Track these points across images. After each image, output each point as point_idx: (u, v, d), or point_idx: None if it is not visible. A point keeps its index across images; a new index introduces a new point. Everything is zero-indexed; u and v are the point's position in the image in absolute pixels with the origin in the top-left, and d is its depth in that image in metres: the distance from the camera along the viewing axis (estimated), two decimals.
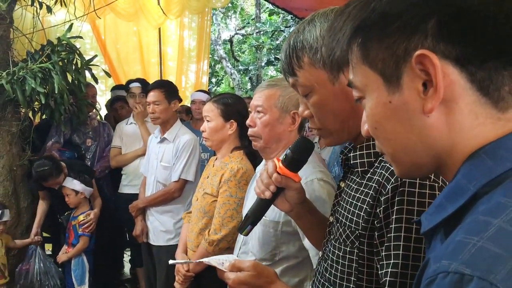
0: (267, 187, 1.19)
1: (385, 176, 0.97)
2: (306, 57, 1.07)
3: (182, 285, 2.36)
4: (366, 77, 0.66)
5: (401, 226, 0.92)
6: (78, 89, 3.76)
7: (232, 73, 10.60)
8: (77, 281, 3.47)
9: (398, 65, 0.61)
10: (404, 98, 0.62)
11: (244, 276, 1.07)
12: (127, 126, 4.06)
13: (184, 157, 3.03)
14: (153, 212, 3.17)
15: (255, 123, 1.75)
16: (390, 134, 0.66)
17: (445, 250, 0.54)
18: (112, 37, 5.70)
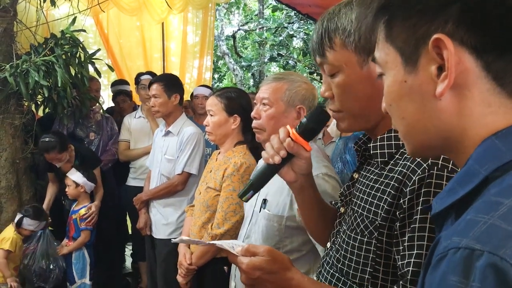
0: (277, 152, 1.16)
1: (411, 167, 0.96)
2: (338, 39, 1.06)
3: (185, 278, 2.36)
4: (387, 55, 0.68)
5: (426, 217, 0.91)
6: (81, 82, 3.76)
7: (234, 69, 10.58)
8: (77, 275, 3.48)
9: (417, 46, 0.62)
10: (419, 79, 0.63)
11: (258, 261, 1.03)
12: (136, 120, 4.09)
13: (188, 150, 3.02)
14: (156, 205, 3.18)
15: (260, 115, 1.75)
16: (403, 113, 0.68)
17: (455, 229, 0.55)
18: (115, 32, 5.69)
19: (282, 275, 1.04)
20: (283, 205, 1.63)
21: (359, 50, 1.05)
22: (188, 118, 3.28)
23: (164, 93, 3.10)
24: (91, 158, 3.74)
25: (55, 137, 3.43)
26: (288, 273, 1.04)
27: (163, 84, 3.11)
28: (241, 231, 1.90)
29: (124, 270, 4.77)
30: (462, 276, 0.50)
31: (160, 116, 3.19)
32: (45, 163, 3.67)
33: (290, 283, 1.03)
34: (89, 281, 3.50)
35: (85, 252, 3.51)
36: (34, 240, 3.48)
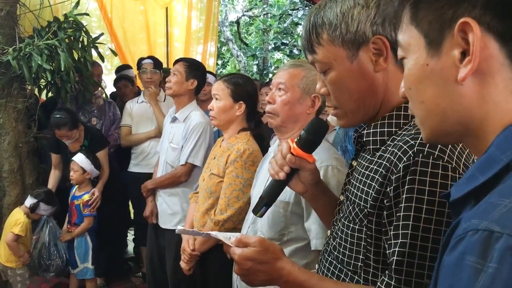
0: (281, 168, 1.19)
1: (398, 154, 0.96)
2: (325, 34, 1.05)
3: (188, 264, 2.36)
4: (411, 37, 0.68)
5: (411, 205, 0.91)
6: (84, 67, 3.74)
7: (238, 55, 10.52)
8: (80, 259, 3.52)
9: (442, 30, 0.62)
10: (441, 63, 0.63)
11: (250, 252, 1.06)
12: (138, 105, 4.05)
13: (193, 141, 2.94)
14: (162, 194, 3.14)
15: (275, 100, 1.74)
16: (422, 97, 0.67)
17: (475, 211, 0.55)
18: (119, 16, 5.64)
19: (274, 265, 1.06)
20: (290, 191, 1.63)
21: (346, 44, 1.04)
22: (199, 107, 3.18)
23: (184, 72, 3.02)
24: (100, 138, 3.77)
25: (66, 114, 3.47)
26: (279, 263, 1.06)
27: (186, 65, 3.05)
28: (247, 216, 1.90)
29: (126, 255, 4.80)
30: (480, 257, 0.50)
31: (171, 94, 3.11)
32: (49, 146, 3.68)
33: (281, 273, 1.05)
34: (91, 266, 3.53)
35: (87, 237, 3.53)
36: (38, 228, 3.50)
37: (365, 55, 1.04)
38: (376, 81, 1.05)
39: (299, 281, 1.04)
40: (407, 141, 0.96)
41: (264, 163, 1.92)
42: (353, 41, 1.03)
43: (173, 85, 3.02)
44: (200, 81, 3.11)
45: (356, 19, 1.02)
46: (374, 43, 1.03)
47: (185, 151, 2.96)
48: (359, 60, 1.04)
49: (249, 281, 1.10)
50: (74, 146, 3.64)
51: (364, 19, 1.02)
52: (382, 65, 1.03)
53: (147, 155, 3.95)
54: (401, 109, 1.05)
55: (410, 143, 0.95)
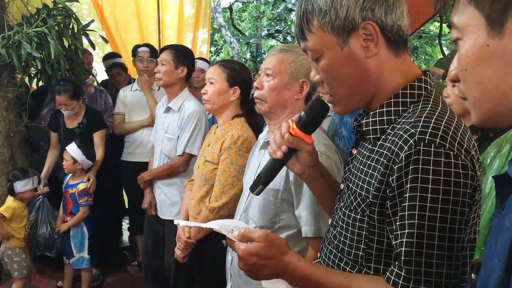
0: (279, 147, 1.18)
1: (399, 144, 0.94)
2: (315, 21, 1.04)
3: (183, 252, 2.35)
4: (469, 18, 0.66)
5: (415, 195, 0.90)
6: (75, 54, 3.69)
7: (231, 42, 10.45)
8: (76, 248, 3.51)
9: (506, 10, 0.61)
10: (503, 43, 0.62)
11: (255, 247, 1.03)
12: (132, 93, 3.99)
13: (189, 130, 2.89)
14: (160, 185, 3.10)
15: (263, 85, 1.72)
16: (480, 78, 0.65)
17: None
18: (110, 3, 5.56)
19: (280, 260, 1.04)
20: (279, 179, 1.62)
21: (336, 31, 1.03)
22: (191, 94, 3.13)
23: (172, 62, 2.95)
24: (99, 119, 3.78)
25: (70, 83, 3.53)
26: (285, 257, 1.04)
27: (173, 53, 2.98)
28: (239, 204, 1.89)
29: (121, 244, 4.79)
30: None
31: (162, 85, 3.05)
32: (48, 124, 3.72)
33: (287, 267, 1.03)
34: (87, 255, 3.52)
35: (83, 226, 3.52)
36: (34, 209, 3.51)
37: (355, 41, 1.02)
38: (368, 67, 1.04)
39: (306, 274, 1.02)
40: (407, 130, 0.94)
41: (255, 151, 1.91)
42: (343, 27, 1.02)
43: (162, 75, 2.96)
44: (189, 67, 3.05)
45: (345, 5, 1.01)
46: (364, 29, 1.01)
47: (181, 141, 2.91)
48: (350, 46, 1.03)
49: (254, 276, 1.08)
50: (72, 122, 3.65)
51: (353, 5, 1.01)
52: (373, 51, 1.02)
53: (140, 143, 3.91)
54: (398, 96, 1.04)
55: (411, 132, 0.93)
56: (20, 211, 3.34)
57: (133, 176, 3.32)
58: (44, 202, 3.53)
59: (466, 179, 0.90)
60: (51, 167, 3.71)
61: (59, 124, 3.66)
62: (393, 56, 1.05)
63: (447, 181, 0.88)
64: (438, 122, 0.93)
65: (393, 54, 1.05)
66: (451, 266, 0.90)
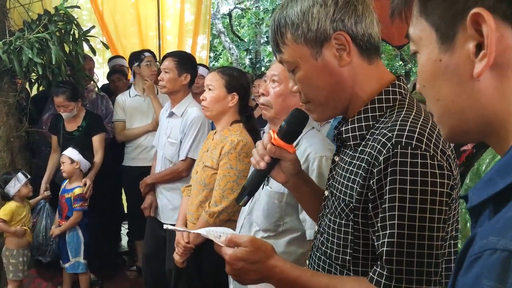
0: (262, 158, 1.20)
1: (377, 148, 0.98)
2: (289, 34, 1.07)
3: (182, 257, 2.36)
4: (421, 30, 0.63)
5: (395, 196, 0.93)
6: (76, 60, 3.72)
7: (230, 48, 10.49)
8: (72, 253, 3.50)
9: (455, 22, 0.58)
10: (455, 58, 0.58)
11: (241, 252, 1.06)
12: (132, 99, 3.98)
13: (192, 135, 2.91)
14: (162, 190, 3.12)
15: (269, 92, 1.76)
16: (438, 94, 0.63)
17: (493, 226, 0.50)
18: (110, 9, 5.60)
19: (265, 264, 1.06)
20: None
21: (309, 42, 1.05)
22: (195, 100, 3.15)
23: (175, 69, 2.98)
24: (99, 123, 3.78)
25: (68, 85, 3.54)
26: (270, 261, 1.06)
27: (176, 60, 3.01)
28: (243, 208, 1.91)
29: (120, 249, 4.79)
30: (498, 281, 0.46)
31: (166, 92, 3.08)
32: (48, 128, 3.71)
33: (273, 271, 1.06)
34: (83, 260, 3.51)
35: (79, 231, 3.51)
36: (35, 214, 3.51)
37: (328, 51, 1.05)
38: (342, 76, 1.07)
39: (292, 277, 1.04)
40: (385, 134, 0.97)
41: None
42: (315, 39, 1.05)
43: (166, 83, 2.99)
44: (192, 74, 3.09)
45: (316, 18, 1.04)
46: (336, 39, 1.04)
47: (184, 146, 2.93)
48: (323, 57, 1.06)
49: (240, 281, 1.11)
50: (71, 125, 3.66)
51: (324, 17, 1.04)
52: (346, 60, 1.05)
53: (144, 149, 3.90)
54: (374, 102, 1.07)
55: (388, 136, 0.97)
56: (20, 211, 3.35)
57: (135, 181, 3.33)
58: (46, 207, 3.54)
59: (442, 178, 0.93)
60: (52, 171, 3.71)
61: (59, 127, 3.68)
62: (366, 64, 1.08)
63: (425, 181, 0.92)
64: (414, 125, 0.96)
65: (366, 61, 1.08)
66: (432, 263, 0.93)
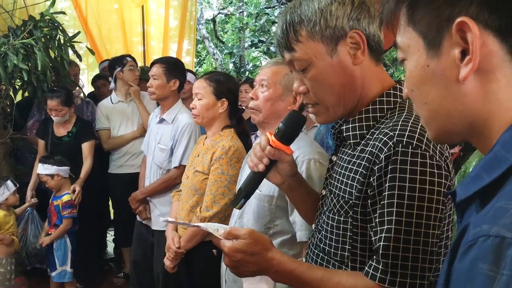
0: (260, 160, 1.21)
1: (379, 146, 1.01)
2: (304, 31, 1.08)
3: (173, 262, 2.36)
4: (409, 39, 0.67)
5: (394, 193, 0.96)
6: (61, 66, 3.69)
7: (214, 53, 10.50)
8: (59, 261, 3.46)
9: (441, 30, 0.62)
10: (442, 63, 0.62)
11: (240, 244, 1.08)
12: (114, 105, 3.93)
13: (184, 142, 2.90)
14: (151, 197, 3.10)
15: (258, 96, 1.78)
16: (425, 98, 0.67)
17: (485, 216, 0.54)
18: (94, 14, 5.57)
19: (264, 256, 1.08)
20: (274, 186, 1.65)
21: (326, 39, 1.07)
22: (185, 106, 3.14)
23: (163, 75, 2.99)
24: (89, 129, 3.77)
25: (63, 90, 3.56)
26: (269, 254, 1.08)
27: (164, 67, 3.01)
28: (234, 211, 1.93)
29: (106, 256, 4.76)
30: (493, 264, 0.49)
31: (155, 99, 3.09)
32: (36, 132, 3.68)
33: (271, 263, 1.08)
34: (70, 268, 3.48)
35: (66, 239, 3.48)
36: (23, 222, 3.46)
37: (343, 49, 1.08)
38: (355, 75, 1.09)
39: (289, 270, 1.07)
40: (387, 133, 1.01)
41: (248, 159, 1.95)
42: (332, 36, 1.07)
43: (155, 89, 3.00)
44: (181, 79, 3.10)
45: (334, 15, 1.06)
46: (351, 37, 1.07)
47: (177, 153, 2.92)
48: (339, 54, 1.08)
49: (238, 273, 1.12)
50: (61, 131, 3.65)
51: (342, 15, 1.06)
52: (360, 58, 1.08)
53: (132, 155, 3.87)
54: (376, 103, 1.10)
55: (390, 135, 1.00)
56: (7, 219, 3.30)
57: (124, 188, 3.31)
58: (33, 214, 3.50)
59: (440, 178, 0.97)
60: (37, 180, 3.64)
61: (48, 131, 3.65)
62: (373, 64, 1.11)
63: (423, 180, 0.95)
64: (415, 126, 1.00)
65: (374, 62, 1.12)
66: (426, 260, 0.97)
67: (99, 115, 3.94)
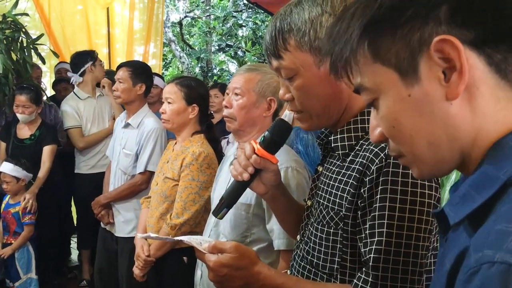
0: (245, 169, 1.17)
1: (369, 157, 1.00)
2: (293, 40, 1.06)
3: (142, 271, 2.32)
4: (379, 75, 0.64)
5: (385, 205, 0.95)
6: (24, 69, 3.59)
7: (181, 56, 10.41)
8: (22, 270, 3.34)
9: (414, 56, 0.60)
10: (424, 89, 0.60)
11: (225, 258, 1.04)
12: (85, 101, 3.84)
13: (150, 147, 2.85)
14: (114, 202, 3.04)
15: (232, 104, 1.76)
16: (412, 131, 0.63)
17: (485, 239, 0.51)
18: (57, 16, 5.44)
19: (250, 271, 1.04)
20: (251, 194, 1.65)
21: (314, 50, 1.05)
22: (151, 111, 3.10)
23: (129, 79, 2.93)
24: (53, 133, 3.68)
25: (33, 87, 3.53)
26: (256, 268, 1.05)
27: (130, 71, 2.96)
28: (209, 219, 1.90)
29: (70, 263, 4.63)
30: None
31: (121, 103, 3.04)
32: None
33: (258, 277, 1.04)
34: (35, 276, 3.37)
35: (29, 246, 3.37)
36: None
37: None
38: (342, 86, 1.07)
39: (276, 284, 1.04)
40: (377, 144, 0.99)
41: (224, 166, 1.94)
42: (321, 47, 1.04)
43: (121, 93, 2.95)
44: (148, 83, 3.05)
45: (324, 26, 1.04)
46: None
47: (143, 159, 2.87)
48: (326, 65, 1.06)
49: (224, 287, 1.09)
50: (24, 133, 3.56)
51: None
52: None
53: (104, 155, 3.76)
54: (364, 114, 1.10)
55: (381, 146, 0.99)
56: None
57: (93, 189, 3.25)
58: None
59: (431, 190, 0.97)
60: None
61: (10, 133, 3.55)
62: None
63: (414, 192, 0.95)
64: None
65: None
66: (416, 272, 0.96)
67: (67, 113, 3.83)
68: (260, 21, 10.41)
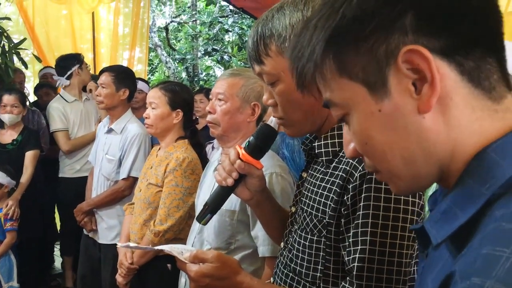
0: (229, 174, 1.16)
1: (353, 164, 0.99)
2: (274, 45, 1.05)
3: (125, 278, 2.28)
4: (347, 91, 0.60)
5: (368, 213, 0.94)
6: (6, 74, 3.54)
7: (167, 61, 10.37)
8: (4, 278, 3.28)
9: (381, 70, 0.57)
10: (395, 103, 0.57)
11: (207, 268, 1.02)
12: (71, 104, 3.82)
13: (133, 153, 2.82)
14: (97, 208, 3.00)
15: (215, 110, 1.74)
16: (385, 146, 0.60)
17: (472, 266, 0.48)
18: (41, 20, 5.39)
19: (233, 280, 1.03)
20: (235, 200, 1.63)
21: None
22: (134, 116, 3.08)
23: (112, 84, 2.90)
24: (35, 138, 3.64)
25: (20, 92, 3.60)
26: (238, 277, 1.04)
27: (113, 76, 2.92)
28: (193, 226, 1.88)
29: (53, 271, 4.56)
30: None
31: (104, 108, 3.00)
32: None
33: (240, 287, 1.03)
34: (16, 284, 3.31)
35: (10, 255, 3.31)
36: None
37: None
38: None
39: None
40: None
41: (208, 172, 1.92)
42: None
43: (104, 98, 2.91)
44: (131, 88, 3.02)
45: None
46: None
47: (126, 164, 2.84)
48: None
49: None
50: (6, 137, 3.52)
51: None
52: None
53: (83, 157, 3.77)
54: None
55: None
56: None
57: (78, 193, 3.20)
58: None
59: (414, 198, 0.96)
60: None
61: None
62: None
63: (398, 199, 0.94)
64: None
65: None
66: (400, 281, 0.95)
67: (53, 116, 3.80)
68: (247, 26, 10.41)
